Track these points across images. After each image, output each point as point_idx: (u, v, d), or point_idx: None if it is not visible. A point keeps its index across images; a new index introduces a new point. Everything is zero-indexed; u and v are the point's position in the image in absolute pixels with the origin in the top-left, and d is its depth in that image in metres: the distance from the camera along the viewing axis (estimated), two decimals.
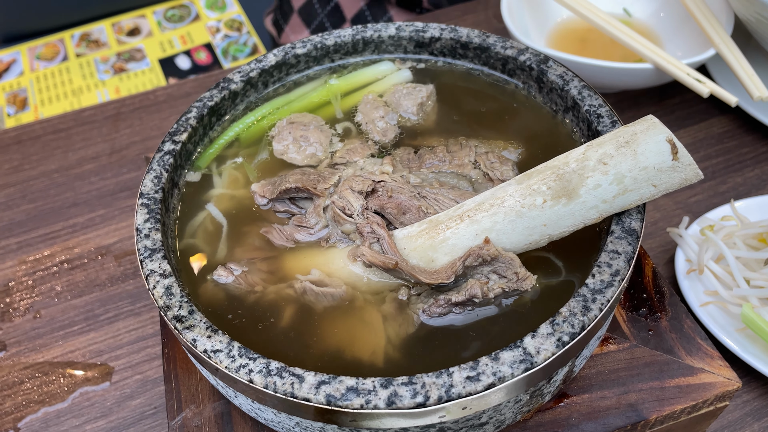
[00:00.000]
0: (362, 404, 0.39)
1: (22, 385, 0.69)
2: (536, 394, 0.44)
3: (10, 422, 0.66)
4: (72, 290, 0.76)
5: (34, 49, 1.79)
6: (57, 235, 0.82)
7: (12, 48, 1.79)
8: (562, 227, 0.46)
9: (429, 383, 0.40)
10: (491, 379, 0.40)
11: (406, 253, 0.47)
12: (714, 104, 0.90)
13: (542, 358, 0.40)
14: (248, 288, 0.49)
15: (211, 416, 0.50)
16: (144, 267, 0.46)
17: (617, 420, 0.48)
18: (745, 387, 0.64)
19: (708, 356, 0.51)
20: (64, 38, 1.80)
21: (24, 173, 0.89)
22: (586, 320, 0.42)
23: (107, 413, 0.66)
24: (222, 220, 0.53)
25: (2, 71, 1.75)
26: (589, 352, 0.47)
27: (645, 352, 0.51)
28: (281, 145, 0.57)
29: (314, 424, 0.42)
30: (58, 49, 1.78)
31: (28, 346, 0.72)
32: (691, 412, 0.50)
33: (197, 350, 0.42)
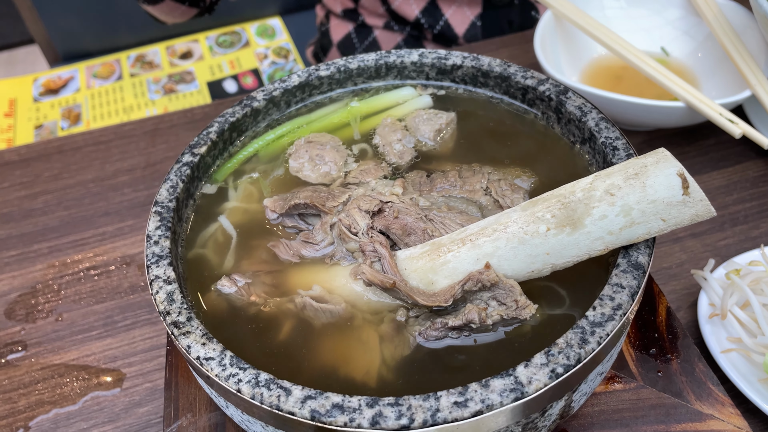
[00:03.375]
0: (346, 422, 0.39)
1: (37, 385, 0.70)
2: (529, 427, 0.43)
3: (22, 421, 0.67)
4: (95, 296, 0.78)
5: (91, 68, 1.87)
6: (86, 242, 0.84)
7: (71, 65, 1.88)
8: (565, 257, 0.45)
9: (415, 406, 0.39)
10: (479, 406, 0.39)
11: (406, 273, 0.47)
12: (750, 147, 0.87)
13: (534, 389, 0.39)
14: (249, 300, 0.49)
15: (206, 426, 0.51)
16: (150, 272, 0.47)
17: None
18: None
19: (719, 402, 0.49)
20: (120, 59, 1.88)
21: (62, 181, 0.93)
22: (583, 353, 0.40)
23: (115, 419, 0.67)
24: (232, 232, 0.54)
25: (60, 87, 1.83)
26: (590, 389, 0.45)
27: (652, 393, 0.49)
28: (297, 162, 0.58)
29: None
30: (114, 69, 1.86)
31: (47, 347, 0.74)
32: None
33: (191, 356, 0.43)
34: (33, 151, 0.98)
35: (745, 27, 0.86)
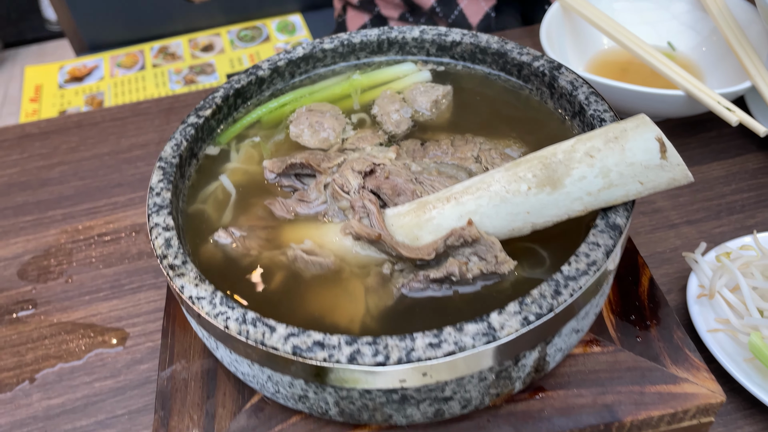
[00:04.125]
0: (325, 357, 0.41)
1: (45, 340, 0.73)
2: (503, 376, 0.44)
3: (28, 373, 0.70)
4: (104, 260, 0.81)
5: (116, 58, 1.92)
6: (99, 211, 0.88)
7: (96, 55, 1.93)
8: (545, 216, 0.47)
9: (392, 345, 0.41)
10: (452, 347, 0.41)
11: (393, 229, 0.49)
12: (752, 140, 0.88)
13: (505, 334, 0.41)
14: (245, 251, 0.51)
15: (198, 371, 0.53)
16: (150, 220, 0.50)
17: (591, 418, 0.48)
18: (748, 419, 0.62)
19: (694, 367, 0.50)
20: (144, 49, 1.93)
21: (79, 154, 0.96)
22: (555, 303, 0.42)
23: (116, 374, 0.70)
24: (232, 190, 0.56)
25: (85, 75, 1.88)
26: (566, 345, 0.47)
27: (629, 356, 0.51)
28: (297, 128, 0.60)
29: (283, 378, 0.44)
30: (137, 59, 1.91)
31: (56, 306, 0.77)
32: (671, 422, 0.49)
33: (184, 296, 0.45)
34: (53, 125, 1.02)
35: (749, 22, 0.87)
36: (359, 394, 0.43)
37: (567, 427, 0.48)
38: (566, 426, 0.48)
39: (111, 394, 0.68)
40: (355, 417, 0.46)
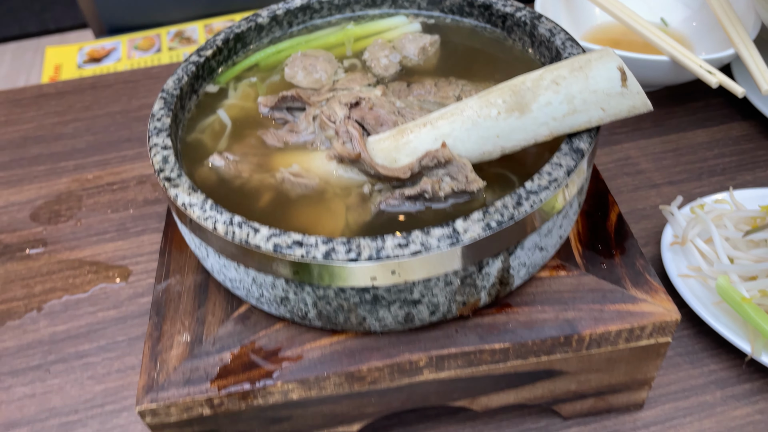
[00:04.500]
0: (303, 254, 0.45)
1: (52, 275, 0.78)
2: (468, 283, 0.48)
3: (36, 303, 0.75)
4: (111, 206, 0.86)
5: (133, 41, 1.98)
6: (108, 162, 0.92)
7: (114, 38, 1.99)
8: (513, 140, 0.50)
9: (364, 244, 0.45)
10: (419, 247, 0.44)
11: (373, 153, 0.53)
12: (737, 110, 0.91)
13: (468, 237, 0.45)
14: (236, 173, 0.55)
15: (191, 285, 0.57)
16: (150, 141, 0.54)
17: (552, 331, 0.51)
18: (714, 358, 0.64)
19: (653, 290, 0.53)
20: (160, 33, 1.98)
21: (92, 112, 1.01)
22: (516, 213, 0.46)
23: (119, 306, 0.74)
24: (228, 122, 0.60)
25: (103, 56, 1.94)
26: (529, 261, 0.50)
27: (592, 280, 0.54)
28: (292, 70, 0.64)
29: (266, 279, 0.48)
30: (154, 42, 1.96)
31: (64, 245, 0.81)
32: (629, 339, 0.52)
33: (177, 203, 0.49)
34: (68, 86, 1.07)
35: None
36: (335, 293, 0.47)
37: (529, 338, 0.51)
38: (528, 337, 0.51)
39: (113, 323, 0.72)
40: (332, 320, 0.50)
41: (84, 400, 0.66)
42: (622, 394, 0.59)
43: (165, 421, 0.51)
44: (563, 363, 0.54)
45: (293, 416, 0.54)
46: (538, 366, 0.53)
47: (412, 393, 0.54)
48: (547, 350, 0.52)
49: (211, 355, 0.52)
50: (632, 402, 0.60)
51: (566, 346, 0.52)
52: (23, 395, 0.66)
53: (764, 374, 0.63)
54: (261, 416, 0.53)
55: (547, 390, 0.57)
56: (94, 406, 0.65)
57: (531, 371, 0.54)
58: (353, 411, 0.55)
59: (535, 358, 0.53)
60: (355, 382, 0.51)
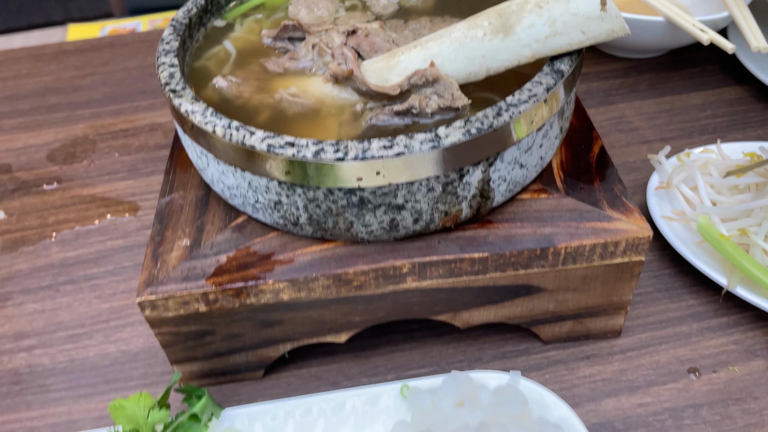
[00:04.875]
0: (294, 153, 0.48)
1: (65, 208, 0.82)
2: (450, 192, 0.51)
3: (49, 232, 0.79)
4: (123, 150, 0.90)
5: (153, 21, 2.02)
6: (122, 111, 0.96)
7: (135, 18, 2.04)
8: (498, 60, 0.53)
9: (351, 146, 0.48)
10: (402, 149, 0.47)
11: (366, 74, 0.56)
12: (732, 75, 0.93)
13: (449, 142, 0.48)
14: (238, 94, 0.59)
15: (193, 199, 0.60)
16: (158, 60, 0.58)
17: (530, 244, 0.54)
18: (693, 294, 0.67)
19: (628, 211, 0.56)
20: None
21: (109, 67, 1.06)
22: (495, 123, 0.49)
23: (127, 236, 0.78)
24: (232, 51, 0.64)
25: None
26: (509, 176, 0.53)
27: (571, 201, 0.57)
28: (296, 8, 0.68)
29: (261, 182, 0.51)
30: None
31: (78, 182, 0.85)
32: (604, 255, 0.55)
33: (181, 111, 0.53)
34: (88, 44, 1.12)
35: None
36: (324, 195, 0.50)
37: (507, 249, 0.54)
38: (507, 248, 0.54)
39: (120, 251, 0.76)
40: (322, 226, 0.53)
41: (90, 316, 0.69)
42: (599, 318, 0.61)
43: (163, 316, 0.55)
44: (540, 278, 0.56)
45: (284, 320, 0.57)
46: (516, 280, 0.56)
47: (396, 303, 0.57)
48: (525, 263, 0.55)
49: (208, 257, 0.55)
50: (610, 328, 0.63)
51: (543, 260, 0.55)
52: (33, 311, 0.70)
53: (740, 309, 0.65)
54: (254, 318, 0.56)
55: (526, 308, 0.59)
56: (99, 322, 0.69)
57: (509, 285, 0.57)
58: (341, 319, 0.58)
59: (513, 270, 0.55)
60: (342, 286, 0.54)
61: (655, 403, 0.58)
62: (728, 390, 0.59)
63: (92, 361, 0.65)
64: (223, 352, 0.59)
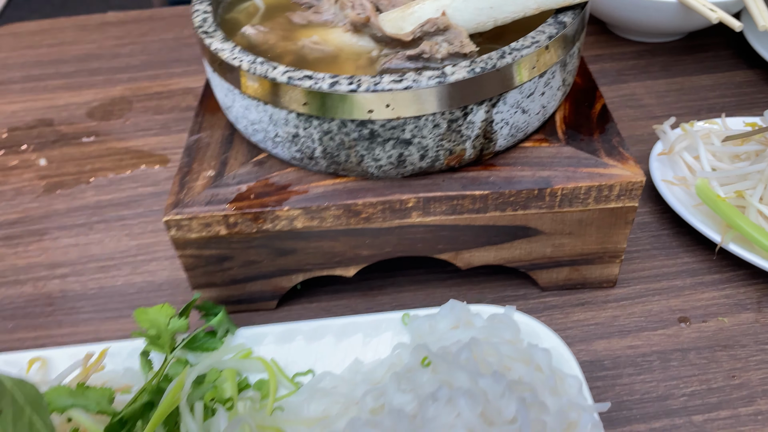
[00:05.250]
0: (311, 85, 0.53)
1: (101, 158, 0.87)
2: (454, 129, 0.55)
3: (85, 178, 0.85)
4: (157, 110, 0.95)
5: None
6: (158, 77, 1.02)
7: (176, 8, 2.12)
8: (505, 12, 0.57)
9: (364, 80, 0.52)
10: (411, 83, 0.52)
11: (382, 24, 0.60)
12: (744, 59, 0.95)
13: (454, 78, 0.52)
14: (264, 41, 0.64)
15: (219, 138, 0.65)
16: (193, 8, 0.63)
17: (529, 184, 0.58)
18: (689, 253, 0.70)
19: (624, 159, 0.59)
20: None
21: (147, 38, 1.12)
22: (498, 63, 0.53)
23: (157, 184, 0.83)
24: (261, 5, 0.69)
25: None
26: (511, 120, 0.57)
27: (570, 150, 0.60)
28: None
29: (280, 114, 0.56)
30: None
31: (114, 137, 0.91)
32: (599, 199, 0.58)
33: (211, 50, 0.58)
34: (129, 17, 1.18)
35: None
36: (337, 127, 0.55)
37: (506, 188, 0.58)
38: (506, 187, 0.58)
39: (150, 196, 0.81)
40: (335, 159, 0.57)
41: (119, 251, 0.75)
42: (594, 266, 0.65)
43: (187, 237, 0.59)
44: (538, 220, 0.60)
45: (297, 250, 0.61)
46: (514, 221, 0.60)
47: (402, 238, 0.61)
48: (523, 203, 0.59)
49: (230, 186, 0.60)
50: (605, 277, 0.66)
51: (540, 201, 0.58)
52: (68, 244, 0.76)
53: (733, 268, 0.68)
54: (269, 246, 0.61)
55: (525, 252, 0.63)
56: (127, 256, 0.74)
57: (508, 226, 0.60)
58: (350, 252, 0.62)
59: (512, 210, 0.59)
60: (351, 217, 0.59)
61: (644, 346, 0.61)
62: (716, 338, 0.62)
63: (119, 288, 0.70)
64: (240, 279, 0.64)
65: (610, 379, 0.59)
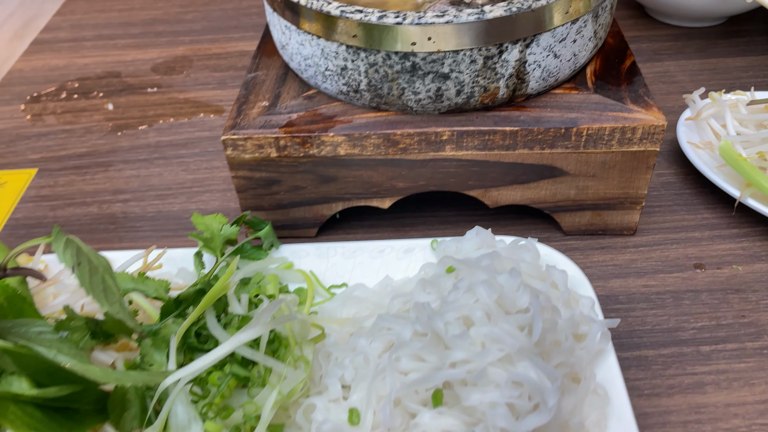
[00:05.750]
0: (361, 17, 0.58)
1: (163, 106, 0.95)
2: (489, 67, 0.60)
3: (148, 122, 0.92)
4: (215, 68, 1.03)
5: None
6: (217, 40, 1.10)
7: None
8: None
9: (409, 14, 0.58)
10: (451, 18, 0.57)
11: None
12: None
13: (491, 15, 0.57)
14: None
15: (274, 76, 0.72)
16: None
17: (556, 123, 0.62)
18: (710, 210, 0.73)
19: (648, 106, 0.63)
20: None
21: (209, 7, 1.20)
22: (534, 5, 0.58)
23: (212, 129, 0.90)
24: None
25: None
26: (543, 63, 0.62)
27: (598, 97, 0.65)
28: None
29: (331, 47, 0.62)
30: None
31: (175, 89, 0.99)
32: (622, 141, 0.62)
33: None
34: None
35: None
36: (382, 59, 0.60)
37: (535, 125, 0.62)
38: (535, 125, 0.62)
39: (206, 140, 0.88)
40: (378, 91, 0.63)
41: (176, 183, 0.81)
42: (616, 211, 0.69)
43: (241, 158, 0.66)
44: (563, 160, 0.64)
45: (339, 178, 0.67)
46: (541, 159, 0.64)
47: (435, 172, 0.66)
48: (550, 142, 0.63)
49: (282, 114, 0.66)
50: (626, 224, 0.70)
51: (566, 140, 0.63)
52: (130, 175, 0.83)
53: (752, 224, 0.71)
54: (314, 172, 0.67)
55: (550, 193, 0.67)
56: (183, 188, 0.81)
57: (536, 164, 0.65)
58: (386, 183, 0.67)
59: (539, 149, 0.64)
60: (390, 146, 0.64)
61: (658, 286, 0.65)
62: (729, 282, 0.65)
63: (175, 213, 0.77)
64: (285, 204, 0.70)
65: (624, 311, 0.63)
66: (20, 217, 0.78)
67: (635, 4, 1.08)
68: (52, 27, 1.18)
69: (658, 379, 0.57)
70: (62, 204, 0.79)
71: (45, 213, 0.78)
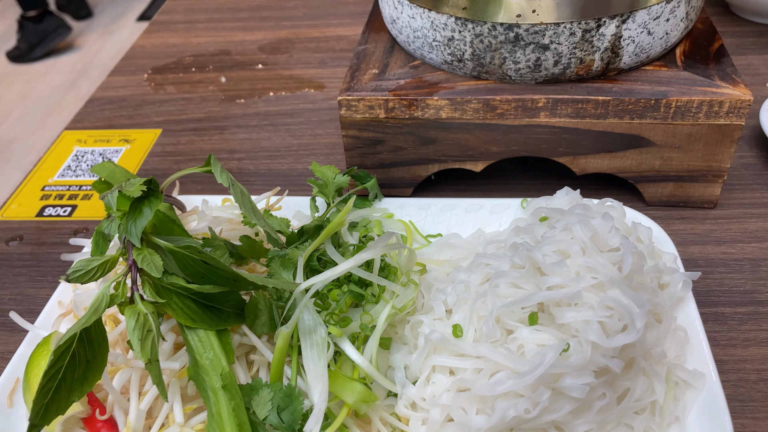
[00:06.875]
0: None
1: (269, 80, 1.04)
2: (587, 39, 0.66)
3: (257, 93, 1.01)
4: (316, 50, 1.12)
5: None
6: (316, 26, 1.19)
7: None
8: None
9: None
10: None
11: None
12: None
13: None
14: None
15: (382, 48, 0.79)
16: None
17: (647, 95, 0.67)
18: None
19: (735, 83, 0.67)
20: None
21: None
22: None
23: (315, 102, 0.98)
24: None
25: None
26: (637, 39, 0.67)
27: (687, 74, 0.69)
28: None
29: (440, 18, 0.69)
30: None
31: (279, 66, 1.08)
32: (709, 115, 0.67)
33: None
34: None
35: None
36: (488, 30, 0.67)
37: (626, 96, 0.67)
38: (626, 95, 0.67)
39: (310, 111, 0.97)
40: (480, 59, 0.69)
41: (284, 146, 0.90)
42: (698, 184, 0.73)
43: (353, 117, 0.73)
44: (651, 131, 0.69)
45: (438, 140, 0.74)
46: (630, 129, 0.69)
47: (528, 137, 0.72)
48: (640, 113, 0.68)
49: (391, 81, 0.73)
50: (707, 197, 0.74)
51: (655, 111, 0.68)
52: (243, 138, 0.92)
53: None
54: (416, 133, 0.73)
55: (635, 162, 0.72)
56: (291, 150, 0.89)
57: (624, 134, 0.70)
58: (481, 147, 0.74)
59: (629, 119, 0.69)
60: (488, 111, 0.70)
61: (737, 253, 0.69)
62: None
63: (284, 171, 0.85)
64: (387, 164, 0.77)
65: (703, 274, 0.67)
66: (149, 168, 0.88)
67: (719, 2, 1.11)
68: (167, 10, 1.29)
69: (734, 332, 0.61)
70: (185, 159, 0.89)
71: (170, 166, 0.88)
